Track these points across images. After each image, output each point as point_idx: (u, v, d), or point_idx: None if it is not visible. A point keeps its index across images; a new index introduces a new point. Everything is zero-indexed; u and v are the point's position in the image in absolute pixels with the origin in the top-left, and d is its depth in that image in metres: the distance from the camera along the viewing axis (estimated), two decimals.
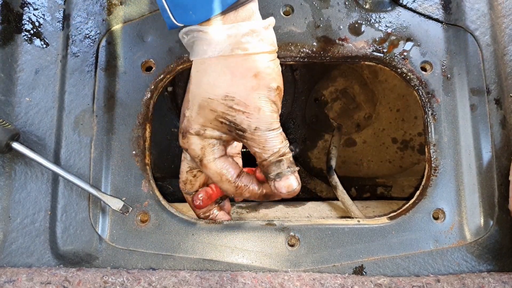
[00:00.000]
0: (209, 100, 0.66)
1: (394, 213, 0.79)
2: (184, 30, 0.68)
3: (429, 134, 0.80)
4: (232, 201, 0.90)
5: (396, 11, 0.82)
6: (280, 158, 0.68)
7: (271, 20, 0.69)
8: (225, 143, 0.72)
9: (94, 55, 0.81)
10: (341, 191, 0.96)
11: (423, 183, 0.80)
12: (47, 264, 0.75)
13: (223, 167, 0.70)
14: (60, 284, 0.67)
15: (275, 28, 0.81)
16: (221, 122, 0.68)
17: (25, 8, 0.82)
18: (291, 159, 0.70)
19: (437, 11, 0.83)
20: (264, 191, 0.73)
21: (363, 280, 0.70)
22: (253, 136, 0.67)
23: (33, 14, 0.82)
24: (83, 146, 0.78)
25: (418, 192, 0.80)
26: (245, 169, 0.77)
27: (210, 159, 0.69)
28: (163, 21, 0.69)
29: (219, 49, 0.65)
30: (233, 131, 0.68)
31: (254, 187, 0.72)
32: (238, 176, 0.71)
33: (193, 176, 0.77)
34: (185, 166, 0.77)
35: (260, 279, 0.69)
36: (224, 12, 0.64)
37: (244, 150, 0.82)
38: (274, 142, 0.68)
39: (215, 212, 0.80)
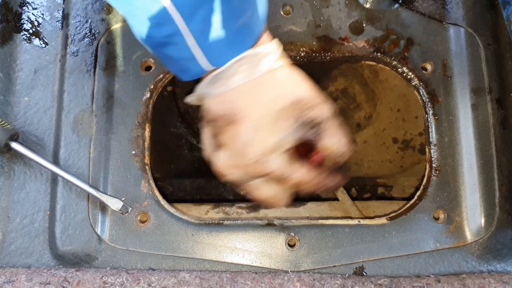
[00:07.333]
0: (282, 110, 0.67)
1: (395, 213, 0.78)
2: (223, 67, 0.66)
3: (430, 134, 0.79)
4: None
5: (397, 10, 0.82)
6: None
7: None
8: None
9: (93, 55, 0.80)
10: (341, 191, 0.96)
11: (423, 183, 0.79)
12: (46, 265, 0.74)
13: (306, 170, 0.69)
14: (60, 284, 0.66)
15: (275, 28, 0.81)
16: (297, 126, 0.68)
17: (24, 7, 0.82)
18: None
19: (437, 10, 0.82)
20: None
21: (364, 281, 0.70)
22: (329, 122, 0.69)
23: (32, 13, 0.82)
24: (82, 146, 0.78)
25: (418, 192, 0.79)
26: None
27: (291, 170, 0.67)
28: None
29: (277, 61, 0.68)
30: (307, 131, 0.68)
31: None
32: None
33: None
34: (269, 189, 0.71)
35: (259, 279, 0.69)
36: (259, 37, 0.67)
37: None
38: (342, 129, 0.71)
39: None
